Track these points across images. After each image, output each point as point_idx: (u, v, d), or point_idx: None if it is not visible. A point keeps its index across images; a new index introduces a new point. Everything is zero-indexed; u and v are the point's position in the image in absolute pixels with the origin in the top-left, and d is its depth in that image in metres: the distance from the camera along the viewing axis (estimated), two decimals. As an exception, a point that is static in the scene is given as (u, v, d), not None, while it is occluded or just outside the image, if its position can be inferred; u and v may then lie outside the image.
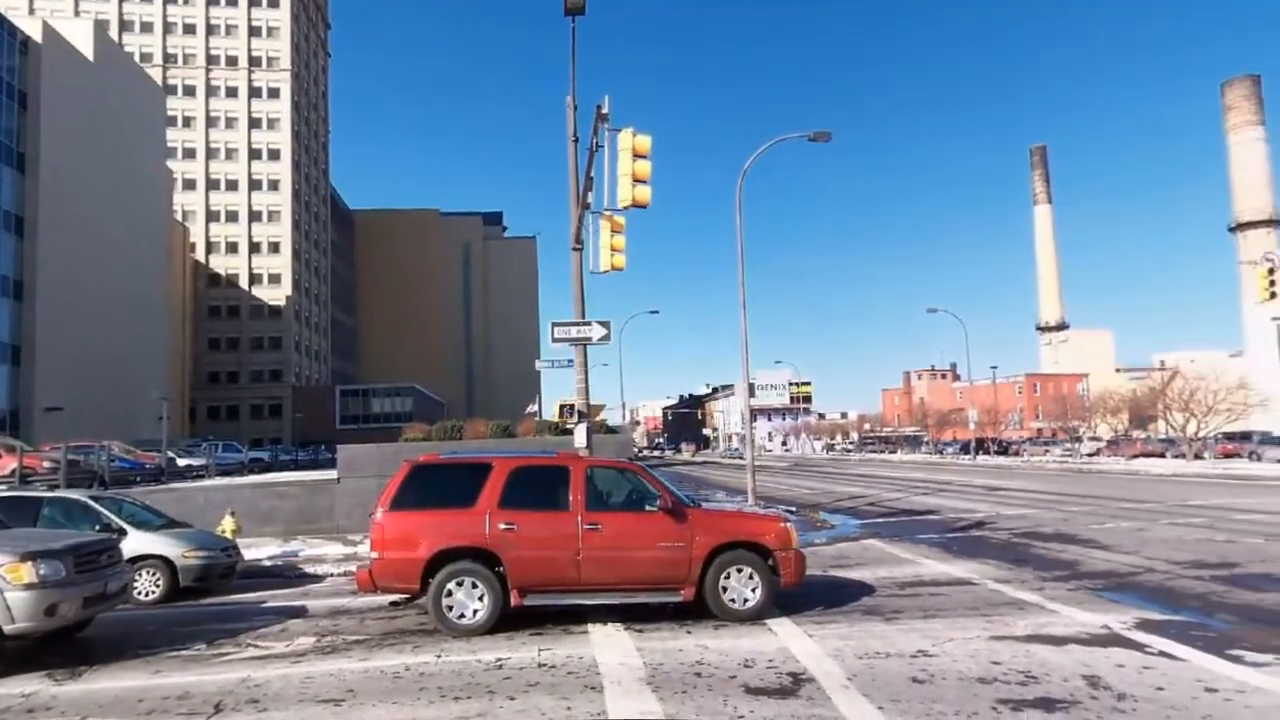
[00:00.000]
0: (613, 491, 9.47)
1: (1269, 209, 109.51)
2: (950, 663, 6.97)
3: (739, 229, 20.86)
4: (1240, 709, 5.65)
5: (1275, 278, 27.34)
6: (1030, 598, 9.79)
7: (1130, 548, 13.91)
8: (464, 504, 8.81)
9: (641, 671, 6.94)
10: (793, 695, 6.21)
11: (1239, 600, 9.45)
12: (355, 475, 19.29)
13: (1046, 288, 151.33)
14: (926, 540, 15.76)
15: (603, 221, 14.25)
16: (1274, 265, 27.79)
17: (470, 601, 8.52)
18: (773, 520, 9.55)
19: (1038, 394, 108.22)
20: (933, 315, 63.40)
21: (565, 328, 14.25)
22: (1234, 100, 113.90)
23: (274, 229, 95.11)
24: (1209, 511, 19.60)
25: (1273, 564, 11.87)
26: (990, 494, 27.76)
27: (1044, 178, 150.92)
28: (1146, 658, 7.01)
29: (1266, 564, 11.88)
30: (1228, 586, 10.27)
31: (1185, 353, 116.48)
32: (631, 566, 8.76)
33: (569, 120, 14.88)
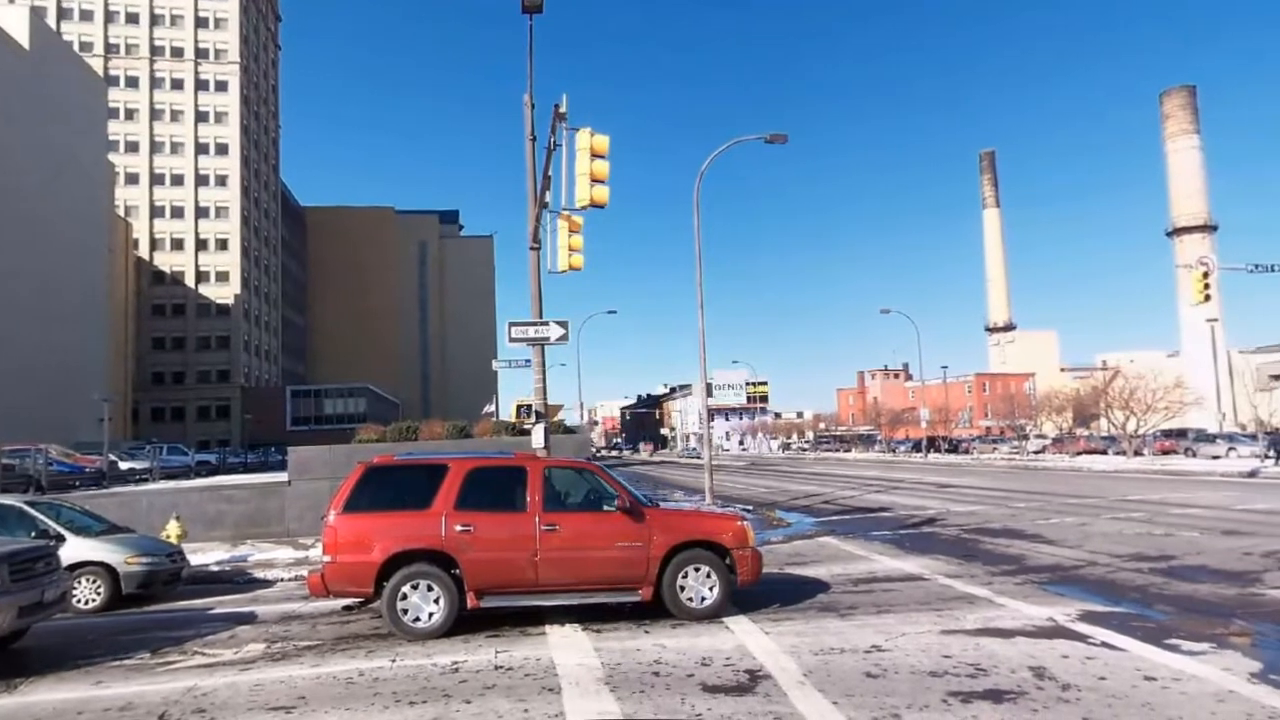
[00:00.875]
0: (570, 492, 9.44)
1: (1204, 215, 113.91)
2: (903, 657, 7.10)
3: (697, 229, 21.00)
4: (1176, 696, 5.87)
5: (1209, 281, 28.46)
6: (979, 592, 10.03)
7: (1074, 542, 14.34)
8: (419, 506, 8.69)
9: (599, 672, 6.93)
10: (750, 692, 6.26)
11: (1176, 592, 9.81)
12: (307, 478, 18.90)
13: (995, 289, 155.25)
14: (880, 537, 16.04)
15: (561, 221, 14.20)
16: (1208, 269, 28.93)
17: (426, 605, 8.41)
18: (730, 519, 9.61)
19: (986, 393, 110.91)
20: (886, 316, 64.60)
21: (523, 327, 14.16)
22: (1171, 109, 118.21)
23: (222, 225, 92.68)
24: (1148, 506, 20.31)
25: (1207, 557, 12.35)
26: (941, 491, 28.36)
27: (993, 182, 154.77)
28: (1089, 648, 7.24)
29: (1201, 557, 12.36)
30: (1165, 579, 10.66)
31: (1126, 353, 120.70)
32: (590, 567, 8.75)
33: (526, 119, 14.80)
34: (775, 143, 20.36)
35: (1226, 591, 9.70)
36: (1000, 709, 5.69)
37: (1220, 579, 10.49)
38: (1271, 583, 10.11)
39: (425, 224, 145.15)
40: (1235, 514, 18.10)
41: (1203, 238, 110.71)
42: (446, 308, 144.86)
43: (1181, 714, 5.49)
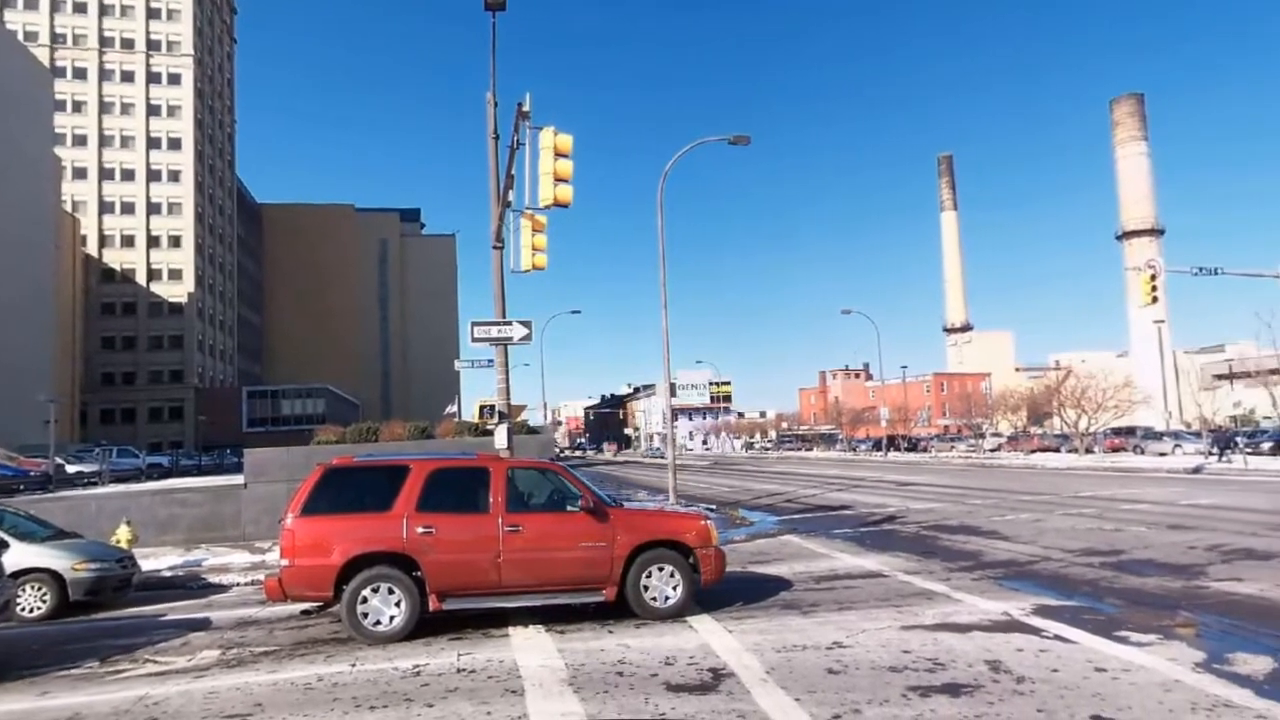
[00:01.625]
0: (534, 492, 9.39)
1: (1152, 219, 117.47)
2: (864, 653, 7.20)
3: (660, 230, 21.04)
4: (1126, 686, 6.05)
5: (1156, 284, 29.32)
6: (938, 588, 10.21)
7: (1028, 538, 14.68)
8: (380, 508, 8.58)
9: (563, 673, 6.91)
10: (713, 690, 6.29)
11: (1125, 585, 10.10)
12: (264, 480, 18.53)
13: (953, 290, 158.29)
14: (841, 535, 16.24)
15: (524, 220, 14.11)
16: (1155, 272, 29.80)
17: (387, 608, 8.30)
18: (693, 518, 9.65)
19: (944, 392, 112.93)
20: (847, 316, 65.50)
21: (485, 327, 14.05)
22: (1121, 117, 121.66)
23: (175, 222, 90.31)
24: (1098, 502, 20.88)
25: (1155, 551, 12.73)
26: (901, 489, 28.81)
27: (950, 185, 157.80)
28: (1043, 641, 7.41)
29: (1149, 551, 12.74)
30: (1115, 572, 10.96)
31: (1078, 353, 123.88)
32: (553, 567, 8.71)
33: (489, 117, 14.68)
34: (738, 144, 20.49)
35: (1172, 584, 10.01)
36: (958, 702, 5.80)
37: (1166, 572, 10.82)
38: (1215, 575, 10.46)
39: (386, 222, 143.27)
40: (1181, 509, 18.69)
41: (1151, 241, 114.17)
42: (408, 307, 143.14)
43: (1130, 704, 5.65)
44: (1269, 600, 8.92)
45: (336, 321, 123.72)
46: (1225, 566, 11.06)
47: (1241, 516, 16.77)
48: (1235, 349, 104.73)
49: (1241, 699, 5.68)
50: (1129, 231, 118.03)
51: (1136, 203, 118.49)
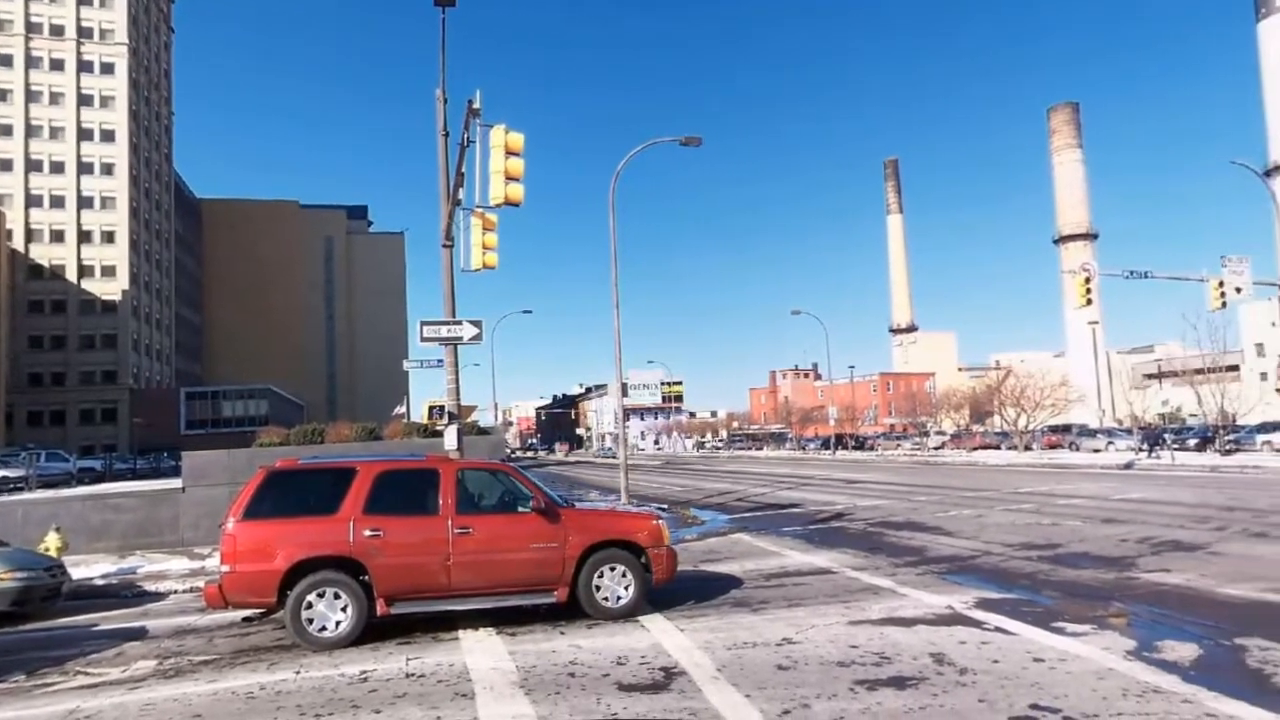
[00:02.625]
0: (484, 494, 9.31)
1: (1086, 224, 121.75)
2: (813, 649, 7.31)
3: (612, 230, 21.02)
4: (1062, 675, 6.26)
5: (1091, 286, 30.42)
6: (884, 583, 10.42)
7: (970, 533, 15.08)
8: (326, 511, 8.40)
9: (514, 675, 6.86)
10: (665, 689, 6.32)
11: (1061, 577, 10.45)
12: (203, 484, 17.97)
13: (898, 292, 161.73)
14: (790, 532, 16.45)
15: (474, 219, 13.96)
16: (1089, 275, 30.90)
17: (332, 613, 8.13)
18: (645, 518, 9.67)
19: (890, 392, 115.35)
20: (797, 317, 66.43)
21: (435, 327, 13.86)
22: (1057, 125, 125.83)
23: (108, 217, 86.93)
24: (1036, 498, 21.57)
25: (1089, 544, 13.20)
26: (848, 486, 29.32)
27: (896, 189, 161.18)
28: (984, 634, 7.63)
29: (1084, 544, 13.21)
30: (1052, 565, 11.34)
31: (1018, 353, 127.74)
32: (504, 569, 8.64)
33: (439, 114, 14.49)
34: (690, 145, 20.60)
35: (1105, 576, 10.40)
36: (903, 695, 5.93)
37: (1100, 564, 11.23)
38: (1145, 567, 10.89)
39: (332, 219, 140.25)
40: (1113, 503, 19.42)
41: (1085, 245, 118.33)
42: (355, 306, 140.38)
43: (1066, 692, 5.85)
44: (1194, 590, 9.32)
45: (280, 320, 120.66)
46: (1154, 558, 11.53)
47: (1169, 510, 17.50)
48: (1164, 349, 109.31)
49: (1169, 685, 5.93)
50: (1065, 236, 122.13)
51: (1072, 208, 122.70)
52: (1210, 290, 29.27)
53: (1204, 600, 8.78)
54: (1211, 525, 14.76)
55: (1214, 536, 13.38)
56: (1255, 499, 19.13)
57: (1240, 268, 28.74)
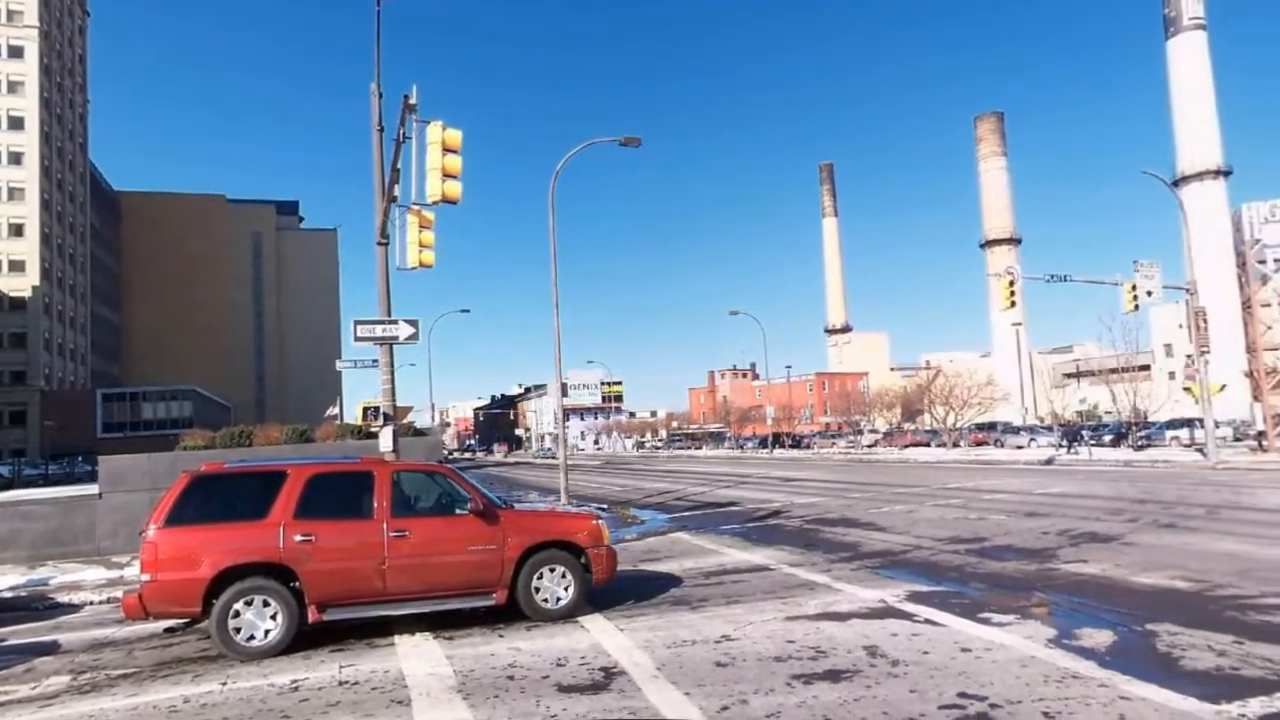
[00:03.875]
0: (421, 496, 9.15)
1: (1010, 229, 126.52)
2: (750, 645, 7.41)
3: (552, 229, 20.93)
4: (988, 664, 6.49)
5: (1014, 289, 31.65)
6: (819, 579, 10.63)
7: (902, 528, 15.51)
8: (254, 516, 8.12)
9: (452, 680, 6.76)
10: (604, 689, 6.32)
11: (987, 570, 10.84)
12: (122, 490, 17.17)
13: (833, 293, 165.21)
14: (729, 530, 16.64)
15: (410, 216, 13.70)
16: (1013, 278, 32.15)
17: (261, 621, 7.87)
18: (585, 518, 9.65)
19: (826, 391, 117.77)
20: (735, 317, 67.29)
21: (369, 326, 13.56)
22: (984, 133, 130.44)
23: (17, 209, 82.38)
24: (964, 493, 22.32)
25: (1013, 537, 13.73)
26: (785, 484, 29.82)
27: (831, 193, 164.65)
28: (915, 626, 7.86)
29: (1008, 537, 13.73)
30: (979, 558, 11.75)
31: (947, 353, 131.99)
32: (442, 572, 8.51)
33: (374, 108, 14.18)
34: (629, 146, 20.64)
35: (1028, 567, 10.83)
36: (838, 687, 6.06)
37: (1023, 556, 11.69)
38: (1064, 558, 11.38)
39: (260, 214, 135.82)
40: (1036, 498, 20.24)
41: (1010, 249, 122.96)
42: (285, 304, 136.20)
43: (992, 680, 6.07)
44: (1110, 579, 9.79)
45: (205, 319, 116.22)
46: (1073, 550, 12.06)
47: (1087, 504, 18.33)
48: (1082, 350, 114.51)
49: (1087, 670, 6.21)
50: (991, 240, 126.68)
51: (997, 213, 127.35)
52: (1124, 294, 30.79)
53: (1118, 589, 9.23)
54: (1125, 517, 15.52)
55: (1127, 528, 14.07)
56: (1164, 492, 20.20)
57: (1151, 272, 30.31)
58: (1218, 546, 11.75)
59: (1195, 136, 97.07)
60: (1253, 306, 32.96)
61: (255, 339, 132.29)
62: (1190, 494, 19.34)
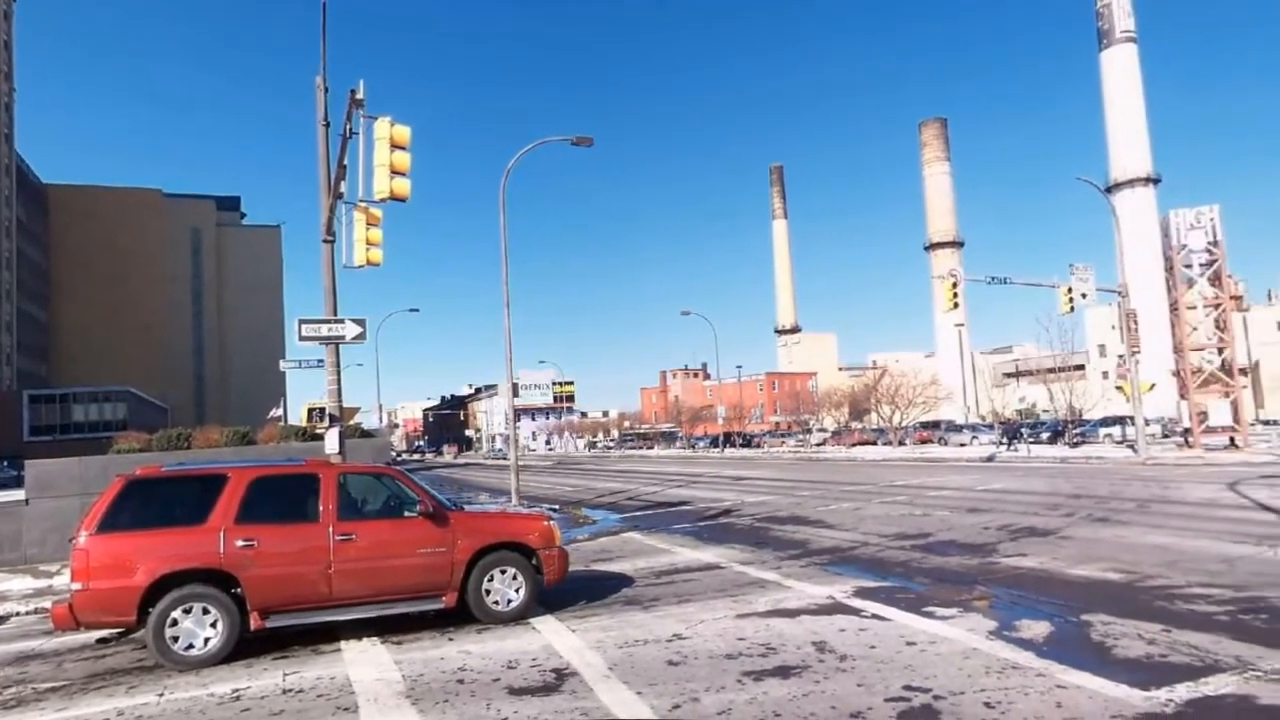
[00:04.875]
0: (368, 499, 8.98)
1: (954, 232, 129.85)
2: (702, 643, 7.46)
3: (503, 228, 20.75)
4: (932, 656, 6.65)
5: (958, 291, 32.48)
6: (770, 576, 10.76)
7: (850, 525, 15.79)
8: (193, 521, 7.87)
9: (400, 685, 6.65)
10: (556, 691, 6.29)
11: (931, 565, 11.11)
12: (50, 495, 16.47)
13: (783, 294, 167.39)
14: (680, 530, 16.73)
15: (357, 214, 13.44)
16: (956, 280, 32.99)
17: (200, 629, 7.63)
18: (536, 519, 9.60)
19: (776, 391, 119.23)
20: (687, 318, 67.68)
21: (315, 325, 13.26)
22: (928, 138, 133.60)
23: (-65, 201, 78.33)
24: (909, 490, 22.82)
25: (956, 532, 14.09)
26: (736, 483, 30.10)
27: (781, 195, 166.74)
28: (862, 621, 8.01)
29: (952, 532, 14.09)
30: (923, 553, 12.03)
31: (893, 354, 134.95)
32: (390, 576, 8.37)
33: (319, 103, 13.87)
34: (581, 145, 20.58)
35: (970, 562, 11.13)
36: (788, 683, 6.15)
37: (966, 551, 12.01)
38: (1004, 552, 11.73)
39: (200, 209, 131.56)
40: (977, 494, 20.81)
41: (953, 252, 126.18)
42: (226, 302, 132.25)
43: (936, 672, 6.22)
44: (1047, 572, 10.12)
45: (141, 317, 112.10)
46: (1013, 544, 12.44)
47: (1025, 499, 18.92)
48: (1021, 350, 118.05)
49: (1025, 660, 6.41)
50: (935, 243, 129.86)
51: (941, 217, 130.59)
52: (1060, 296, 31.86)
53: (1055, 581, 9.55)
54: (1061, 512, 16.06)
55: (1064, 522, 14.57)
56: (1098, 487, 20.96)
57: (1086, 275, 31.42)
58: (1147, 539, 12.24)
59: (1126, 145, 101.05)
60: (1179, 309, 34.41)
61: (194, 338, 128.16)
62: (1122, 489, 20.11)
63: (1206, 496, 17.61)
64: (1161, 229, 35.73)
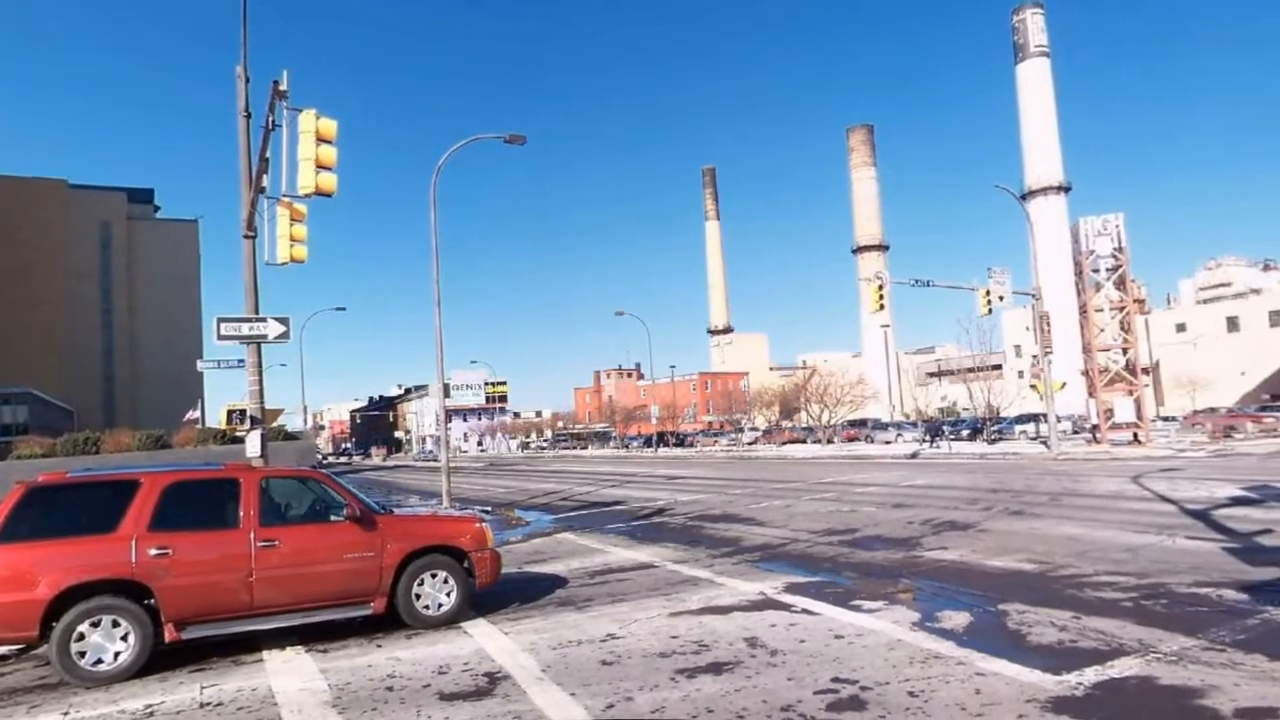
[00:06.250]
0: (292, 503, 8.69)
1: (879, 236, 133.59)
2: (636, 642, 7.48)
3: (434, 225, 20.39)
4: (859, 649, 6.84)
5: (883, 292, 33.47)
6: (703, 574, 10.86)
7: (781, 522, 16.08)
8: (102, 530, 7.47)
9: (326, 695, 6.47)
10: (488, 695, 6.22)
11: (858, 559, 11.41)
12: (-58, 504, 15.42)
13: (716, 295, 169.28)
14: (614, 529, 16.74)
15: (281, 209, 13.00)
16: (882, 282, 33.99)
17: (110, 643, 7.25)
18: (467, 521, 9.47)
19: (709, 390, 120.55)
20: (621, 318, 67.82)
21: (234, 324, 12.77)
22: (855, 144, 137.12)
23: None
24: (837, 487, 23.39)
25: (882, 527, 14.51)
26: (670, 483, 30.29)
27: (714, 196, 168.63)
28: (792, 616, 8.17)
29: (878, 528, 14.49)
30: (851, 549, 12.35)
31: (822, 354, 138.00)
32: (315, 583, 8.12)
33: (240, 93, 13.36)
34: (514, 143, 20.38)
35: (895, 556, 11.47)
36: (720, 679, 6.22)
37: (891, 546, 12.38)
38: (927, 546, 12.14)
39: (109, 202, 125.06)
40: (902, 490, 21.47)
41: (879, 255, 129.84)
42: (138, 299, 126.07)
43: (863, 664, 6.40)
44: (967, 564, 10.52)
45: (43, 315, 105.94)
46: (935, 537, 12.87)
47: (947, 494, 19.61)
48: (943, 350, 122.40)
49: (947, 650, 6.65)
50: (862, 246, 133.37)
51: (868, 220, 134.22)
52: (979, 298, 33.17)
53: (975, 573, 9.93)
54: (980, 506, 16.71)
55: (982, 516, 15.16)
56: (1013, 481, 21.89)
57: (1002, 279, 32.79)
58: (1059, 530, 12.85)
59: (1040, 154, 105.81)
60: (1088, 311, 36.24)
61: (103, 337, 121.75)
62: (1036, 483, 21.05)
63: (1113, 489, 18.58)
64: (1072, 235, 37.56)
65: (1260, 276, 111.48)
